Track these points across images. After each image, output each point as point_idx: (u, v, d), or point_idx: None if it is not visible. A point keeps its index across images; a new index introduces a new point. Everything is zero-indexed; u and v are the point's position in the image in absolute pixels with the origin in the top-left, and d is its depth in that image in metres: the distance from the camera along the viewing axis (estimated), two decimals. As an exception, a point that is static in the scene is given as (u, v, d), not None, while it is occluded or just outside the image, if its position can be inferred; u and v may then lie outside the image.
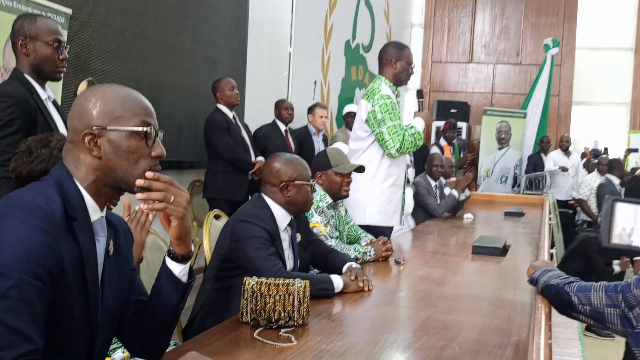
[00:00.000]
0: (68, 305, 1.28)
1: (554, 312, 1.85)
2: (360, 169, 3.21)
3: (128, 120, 1.37)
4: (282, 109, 5.72)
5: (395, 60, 3.74)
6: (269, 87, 6.42)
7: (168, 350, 1.61)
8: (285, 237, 2.48)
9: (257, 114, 5.88)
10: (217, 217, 3.04)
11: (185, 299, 1.52)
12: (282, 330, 1.83)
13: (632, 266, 4.49)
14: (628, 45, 10.37)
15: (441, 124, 8.95)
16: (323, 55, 7.58)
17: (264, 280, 1.89)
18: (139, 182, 1.35)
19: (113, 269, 1.43)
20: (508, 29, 10.83)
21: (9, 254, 1.17)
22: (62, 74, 2.66)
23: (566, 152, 8.92)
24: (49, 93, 2.60)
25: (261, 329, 1.83)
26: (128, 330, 1.52)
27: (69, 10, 3.50)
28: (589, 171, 8.24)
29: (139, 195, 1.37)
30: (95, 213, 1.37)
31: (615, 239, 1.45)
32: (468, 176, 5.49)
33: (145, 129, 1.37)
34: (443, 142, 8.12)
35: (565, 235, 7.19)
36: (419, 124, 3.72)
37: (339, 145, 4.86)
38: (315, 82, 7.36)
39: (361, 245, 3.05)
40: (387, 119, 3.57)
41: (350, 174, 3.12)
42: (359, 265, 2.59)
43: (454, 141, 8.30)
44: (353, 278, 2.35)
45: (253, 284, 1.87)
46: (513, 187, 9.15)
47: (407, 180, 4.13)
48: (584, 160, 9.02)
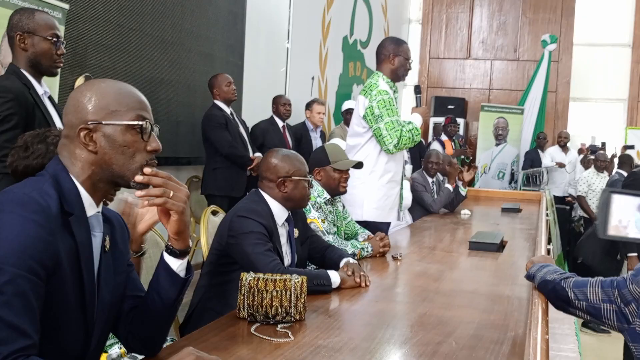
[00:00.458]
0: (64, 300, 1.28)
1: (551, 308, 1.85)
2: (359, 165, 3.21)
3: (123, 115, 1.36)
4: (280, 104, 5.71)
5: (393, 56, 3.73)
6: (266, 83, 6.41)
7: (165, 345, 1.61)
8: (282, 233, 2.48)
9: (255, 109, 5.87)
10: (215, 213, 3.03)
11: (183, 295, 1.52)
12: (279, 325, 1.83)
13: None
14: (625, 41, 10.38)
15: (439, 120, 8.97)
16: (321, 51, 7.57)
17: (261, 275, 1.89)
18: (138, 179, 1.35)
19: (109, 264, 1.43)
20: (506, 25, 10.83)
21: (5, 248, 1.17)
22: (59, 69, 2.65)
23: (564, 148, 8.93)
24: (45, 88, 2.60)
25: (258, 324, 1.83)
26: (124, 326, 1.52)
27: (66, 5, 3.49)
28: (586, 167, 8.23)
29: (139, 192, 1.36)
30: (91, 208, 1.37)
31: (611, 231, 1.45)
32: (457, 167, 5.43)
33: (140, 123, 1.37)
34: (444, 138, 8.12)
35: (562, 231, 7.19)
36: (417, 120, 3.72)
37: (336, 141, 4.86)
38: (312, 78, 7.36)
39: (358, 241, 3.04)
40: (385, 114, 3.57)
41: (348, 170, 3.12)
42: (356, 261, 2.59)
43: (454, 137, 8.30)
44: (350, 274, 2.35)
45: (250, 280, 1.87)
46: (510, 183, 9.16)
47: (404, 176, 4.12)
48: (581, 156, 9.02)
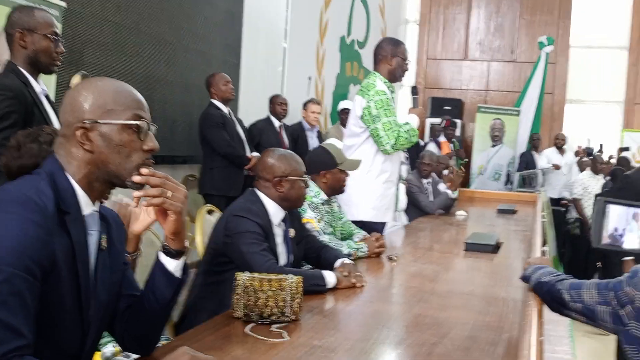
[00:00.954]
0: (60, 299, 1.28)
1: (545, 310, 1.86)
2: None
3: (120, 114, 1.36)
4: (277, 104, 5.71)
5: (390, 57, 3.73)
6: (263, 83, 6.40)
7: (159, 345, 1.61)
8: (278, 232, 2.48)
9: (251, 109, 5.86)
10: (210, 212, 3.03)
11: (178, 295, 1.52)
12: (274, 325, 1.82)
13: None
14: (622, 44, 10.40)
15: (435, 120, 8.97)
16: (318, 51, 7.56)
17: (256, 275, 1.89)
18: (136, 179, 1.35)
19: (105, 262, 1.43)
20: (503, 27, 10.84)
21: (1, 247, 1.17)
22: (57, 67, 2.64)
23: (560, 150, 8.93)
24: (43, 86, 2.59)
25: (253, 324, 1.83)
26: (120, 324, 1.52)
27: (64, 3, 3.49)
28: (581, 170, 8.24)
29: (137, 192, 1.36)
30: (87, 207, 1.37)
31: (605, 240, 1.45)
32: (461, 173, 5.47)
33: (137, 122, 1.37)
34: (442, 139, 8.13)
35: (558, 233, 7.21)
36: (414, 121, 3.72)
37: (332, 141, 4.85)
38: (309, 78, 7.34)
39: (354, 242, 3.04)
40: (382, 115, 3.57)
41: None
42: (351, 262, 2.59)
43: (453, 139, 8.32)
44: (346, 274, 2.36)
45: (245, 279, 1.87)
46: (506, 185, 9.17)
47: (401, 176, 4.13)
48: (577, 158, 9.03)
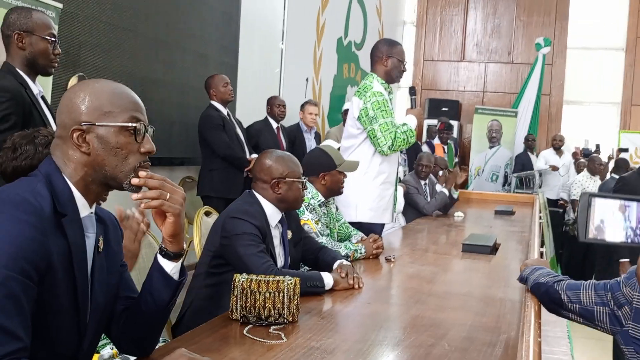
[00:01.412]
0: (57, 301, 1.27)
1: (543, 311, 1.86)
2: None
3: (117, 116, 1.35)
4: (274, 106, 5.71)
5: (387, 58, 3.73)
6: (260, 84, 6.40)
7: (157, 347, 1.61)
8: (276, 234, 2.48)
9: (249, 110, 5.86)
10: (208, 214, 3.03)
11: (176, 297, 1.51)
12: (272, 327, 1.82)
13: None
14: (619, 45, 10.42)
15: (432, 122, 8.98)
16: (315, 52, 7.57)
17: (254, 277, 1.89)
18: (134, 181, 1.35)
19: (102, 264, 1.42)
20: (500, 28, 10.86)
21: (-3, 249, 1.16)
22: (54, 69, 2.64)
23: (558, 151, 8.93)
24: (39, 88, 2.59)
25: (251, 326, 1.83)
26: (117, 327, 1.51)
27: (60, 5, 3.48)
28: (578, 171, 8.24)
29: (135, 195, 1.36)
30: (84, 209, 1.36)
31: (591, 234, 1.45)
32: (456, 172, 5.47)
33: (134, 124, 1.36)
34: (436, 142, 8.13)
35: (555, 234, 7.21)
36: (412, 122, 3.72)
37: (328, 142, 4.85)
38: (307, 79, 7.35)
39: (352, 243, 3.04)
40: (379, 116, 3.57)
41: None
42: (349, 263, 2.59)
43: (449, 141, 8.32)
44: (343, 275, 2.35)
45: (243, 281, 1.87)
46: (504, 186, 9.18)
47: (398, 178, 4.13)
48: (575, 159, 9.03)
